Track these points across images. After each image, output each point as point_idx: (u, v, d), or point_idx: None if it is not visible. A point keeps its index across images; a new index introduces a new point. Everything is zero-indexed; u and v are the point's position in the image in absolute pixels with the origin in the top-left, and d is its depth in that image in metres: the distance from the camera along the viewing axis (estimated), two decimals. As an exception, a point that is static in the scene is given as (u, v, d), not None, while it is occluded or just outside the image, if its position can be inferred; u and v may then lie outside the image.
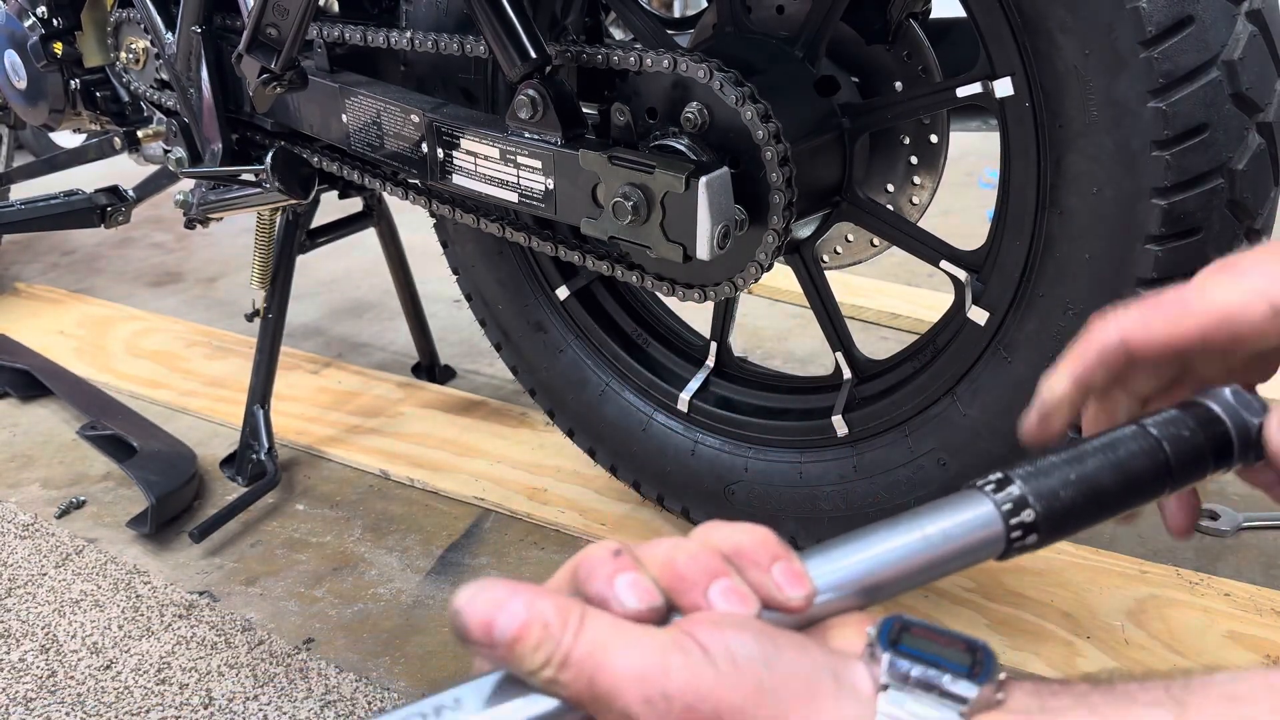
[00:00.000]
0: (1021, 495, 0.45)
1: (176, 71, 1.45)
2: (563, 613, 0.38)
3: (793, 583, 0.41)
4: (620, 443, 1.37)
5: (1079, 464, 0.46)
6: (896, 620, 0.40)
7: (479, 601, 0.38)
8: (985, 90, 0.96)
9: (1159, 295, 0.51)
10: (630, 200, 1.01)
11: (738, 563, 0.41)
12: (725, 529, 0.43)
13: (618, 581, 0.40)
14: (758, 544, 0.42)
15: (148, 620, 1.29)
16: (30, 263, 2.62)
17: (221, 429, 1.75)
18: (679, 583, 0.40)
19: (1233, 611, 1.20)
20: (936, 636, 0.40)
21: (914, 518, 0.44)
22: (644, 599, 0.40)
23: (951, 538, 0.44)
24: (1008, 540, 0.44)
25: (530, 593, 0.39)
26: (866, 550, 0.43)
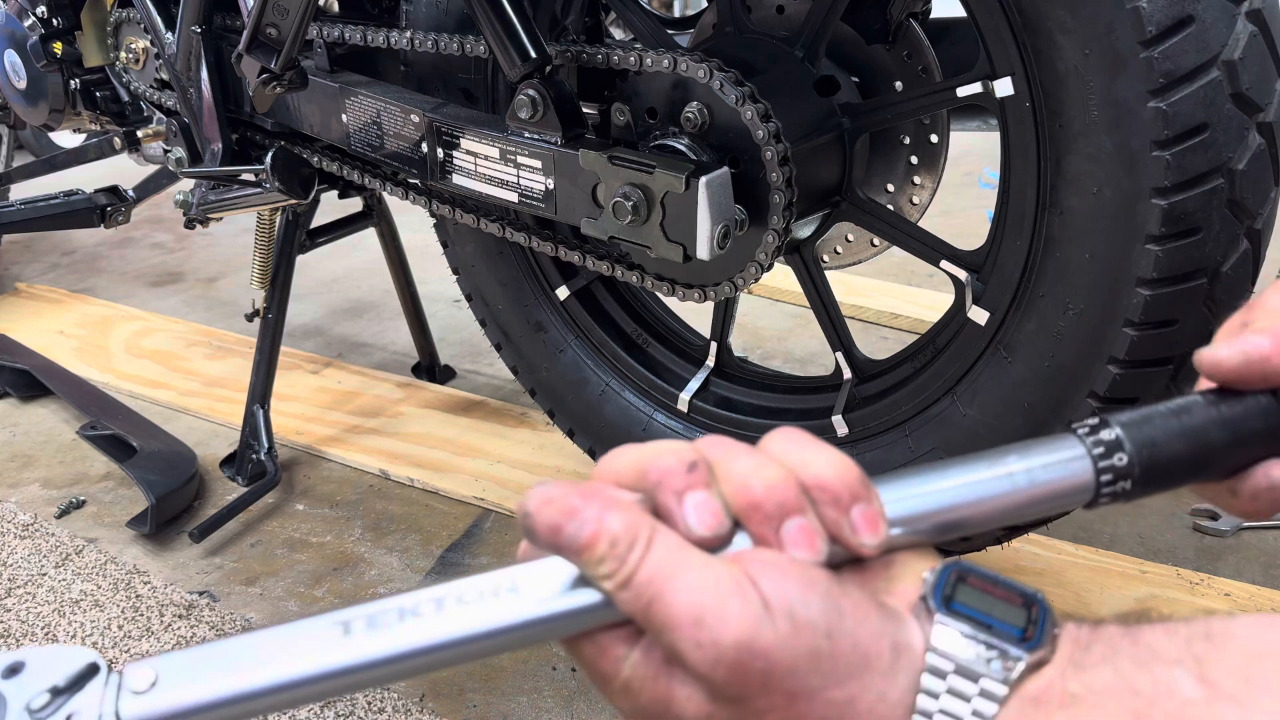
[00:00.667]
0: (1116, 440, 0.42)
1: (176, 71, 1.45)
2: (631, 531, 0.38)
3: (869, 529, 0.40)
4: (620, 443, 1.36)
5: (1185, 415, 0.43)
6: (954, 569, 0.39)
7: (550, 507, 0.39)
8: (985, 90, 0.96)
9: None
10: (630, 200, 1.01)
11: (816, 497, 0.40)
12: (812, 451, 0.41)
13: (688, 500, 0.39)
14: (840, 481, 0.40)
15: (148, 620, 1.29)
16: (31, 263, 2.62)
17: (221, 429, 1.75)
18: (752, 510, 0.39)
19: (1233, 611, 1.20)
20: (993, 588, 0.38)
21: (998, 455, 0.42)
22: (711, 526, 0.39)
23: (1036, 479, 0.41)
24: (1097, 487, 0.42)
25: (601, 503, 0.38)
26: (945, 485, 0.42)
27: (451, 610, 0.39)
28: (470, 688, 1.17)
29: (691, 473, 0.40)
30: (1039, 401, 0.98)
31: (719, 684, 0.37)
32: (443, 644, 0.39)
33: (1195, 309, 0.89)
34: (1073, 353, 0.95)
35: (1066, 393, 0.96)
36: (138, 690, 0.37)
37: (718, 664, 0.36)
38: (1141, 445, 0.42)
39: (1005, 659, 0.37)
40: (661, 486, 0.40)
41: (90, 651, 0.38)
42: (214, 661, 0.38)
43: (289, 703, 0.38)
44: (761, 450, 0.42)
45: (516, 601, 0.39)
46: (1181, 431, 0.43)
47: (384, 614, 0.39)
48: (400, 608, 0.39)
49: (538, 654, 1.21)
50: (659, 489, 0.40)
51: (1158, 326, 0.90)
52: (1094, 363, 0.93)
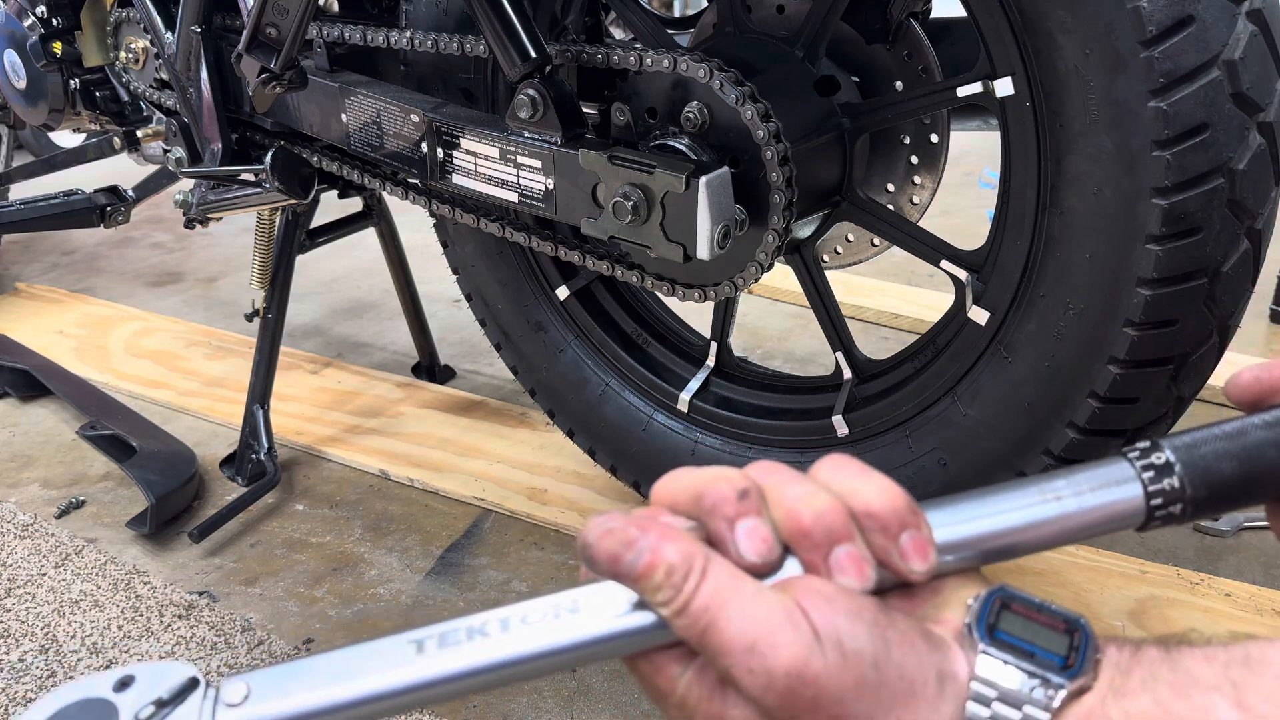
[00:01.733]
0: (1168, 463, 0.42)
1: (176, 71, 1.45)
2: (686, 560, 0.39)
3: (918, 556, 0.41)
4: (620, 443, 1.37)
5: (1239, 438, 0.43)
6: (998, 596, 0.40)
7: (611, 538, 0.40)
8: (985, 90, 0.96)
9: None
10: (630, 200, 1.01)
11: (865, 524, 0.41)
12: (860, 479, 0.42)
13: (740, 527, 0.41)
14: (889, 508, 0.41)
15: (147, 620, 1.29)
16: (30, 263, 2.62)
17: (221, 429, 1.75)
18: (802, 537, 0.40)
19: (1233, 611, 1.20)
20: (1037, 614, 0.39)
21: (1048, 479, 0.42)
22: (762, 552, 0.40)
23: (1086, 503, 0.42)
24: (1148, 511, 0.42)
25: (659, 534, 0.40)
26: (993, 511, 0.42)
27: (516, 629, 0.41)
28: (470, 688, 1.16)
29: (743, 500, 0.41)
30: (1039, 401, 0.98)
31: (770, 708, 0.38)
32: (509, 661, 0.41)
33: (1195, 309, 0.89)
34: (1073, 353, 0.95)
35: (1067, 393, 0.96)
36: (232, 703, 0.40)
37: (769, 690, 0.38)
38: (1194, 468, 0.42)
39: (1048, 687, 0.38)
40: (715, 513, 0.41)
41: (190, 666, 0.41)
42: (301, 677, 0.40)
43: (368, 715, 0.40)
44: (811, 477, 0.43)
45: (577, 622, 0.41)
46: (1234, 453, 0.42)
47: (454, 633, 0.41)
48: (469, 627, 0.41)
49: (538, 654, 1.21)
50: (712, 515, 0.41)
51: (1158, 326, 0.89)
52: (1094, 363, 0.93)
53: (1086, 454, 0.98)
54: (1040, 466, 1.00)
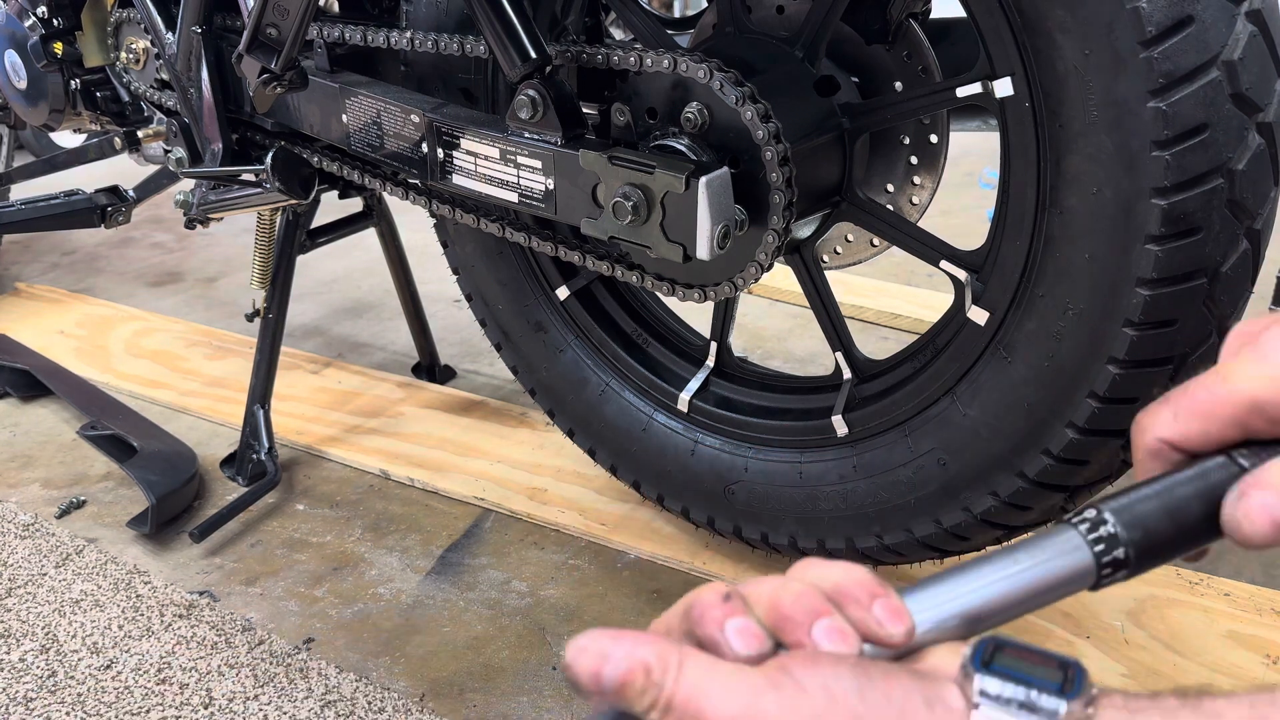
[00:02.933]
0: (1111, 530, 0.46)
1: (177, 71, 1.45)
2: (662, 658, 0.40)
3: (893, 619, 0.42)
4: (620, 443, 1.37)
5: (1166, 496, 0.47)
6: (990, 641, 0.41)
7: (586, 655, 0.41)
8: (985, 90, 0.96)
9: (1185, 388, 0.50)
10: (630, 200, 1.01)
11: (838, 600, 0.43)
12: (824, 567, 0.45)
13: (728, 627, 0.42)
14: (857, 582, 0.43)
15: (148, 620, 1.29)
16: (31, 263, 2.62)
17: (221, 429, 1.75)
18: (784, 622, 0.42)
19: (1233, 611, 1.20)
20: (1030, 655, 0.41)
21: (1008, 554, 0.46)
22: (752, 645, 0.42)
23: (1044, 572, 0.45)
24: (1098, 571, 0.46)
25: (632, 641, 0.41)
26: (962, 587, 0.45)
27: None
28: (470, 687, 1.17)
29: (727, 603, 0.43)
30: (1039, 401, 0.99)
31: None
32: None
33: (1195, 309, 0.89)
34: (1072, 353, 0.95)
35: (1066, 393, 0.96)
36: None
37: None
38: (1132, 529, 0.46)
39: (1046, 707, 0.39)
40: (703, 621, 0.43)
41: None
42: None
43: None
44: (783, 576, 0.45)
45: None
46: (1166, 510, 0.47)
47: None
48: None
49: (538, 654, 1.21)
50: (700, 623, 0.43)
51: (1157, 326, 0.90)
52: (1094, 363, 0.93)
53: (1086, 454, 0.98)
54: (1040, 466, 1.00)
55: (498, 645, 1.23)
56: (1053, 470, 1.00)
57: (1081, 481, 1.01)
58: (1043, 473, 1.01)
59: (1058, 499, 1.03)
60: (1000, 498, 1.04)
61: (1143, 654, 1.15)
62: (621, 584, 1.34)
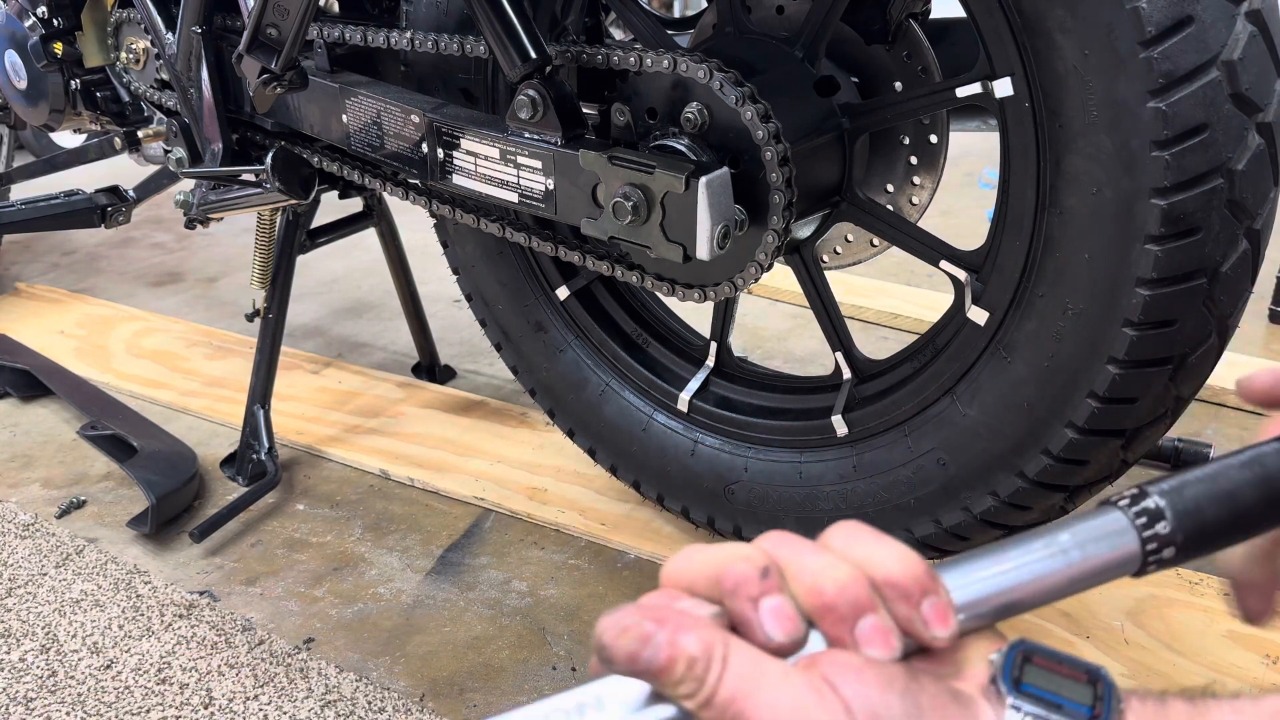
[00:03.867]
0: (1158, 510, 0.43)
1: (177, 71, 1.45)
2: (707, 649, 0.38)
3: (940, 622, 0.41)
4: (620, 443, 1.37)
5: (1220, 479, 0.45)
6: (1019, 650, 0.40)
7: (627, 636, 0.39)
8: (985, 90, 0.96)
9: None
10: (630, 200, 1.01)
11: (886, 594, 0.41)
12: (878, 548, 0.42)
13: (764, 606, 0.40)
14: (909, 576, 0.41)
15: (148, 620, 1.29)
16: (31, 263, 2.62)
17: (222, 429, 1.75)
18: (826, 611, 0.40)
19: (1232, 611, 1.20)
20: (1059, 666, 0.40)
21: (1048, 533, 0.44)
22: (788, 630, 0.40)
23: (1088, 554, 0.43)
24: (1143, 557, 0.44)
25: (674, 625, 0.39)
26: (1003, 568, 0.43)
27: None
28: (470, 687, 1.17)
29: (765, 579, 0.41)
30: (1039, 401, 0.99)
31: None
32: None
33: (1195, 309, 0.89)
34: (1072, 353, 0.95)
35: (1066, 393, 0.96)
36: None
37: None
38: (1182, 514, 0.43)
39: None
40: (736, 594, 0.41)
41: None
42: None
43: None
44: (826, 547, 0.43)
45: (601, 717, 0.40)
46: (1217, 496, 0.44)
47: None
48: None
49: (538, 654, 1.21)
50: (734, 597, 0.41)
51: (1157, 326, 0.90)
52: (1093, 363, 0.93)
53: (1086, 454, 0.98)
54: (1039, 466, 1.00)
55: (498, 645, 1.23)
56: (1052, 470, 1.00)
57: (1081, 481, 1.01)
58: (1042, 473, 1.01)
59: (1057, 499, 1.03)
60: (1000, 498, 1.04)
61: (1143, 654, 1.15)
62: (621, 584, 1.34)
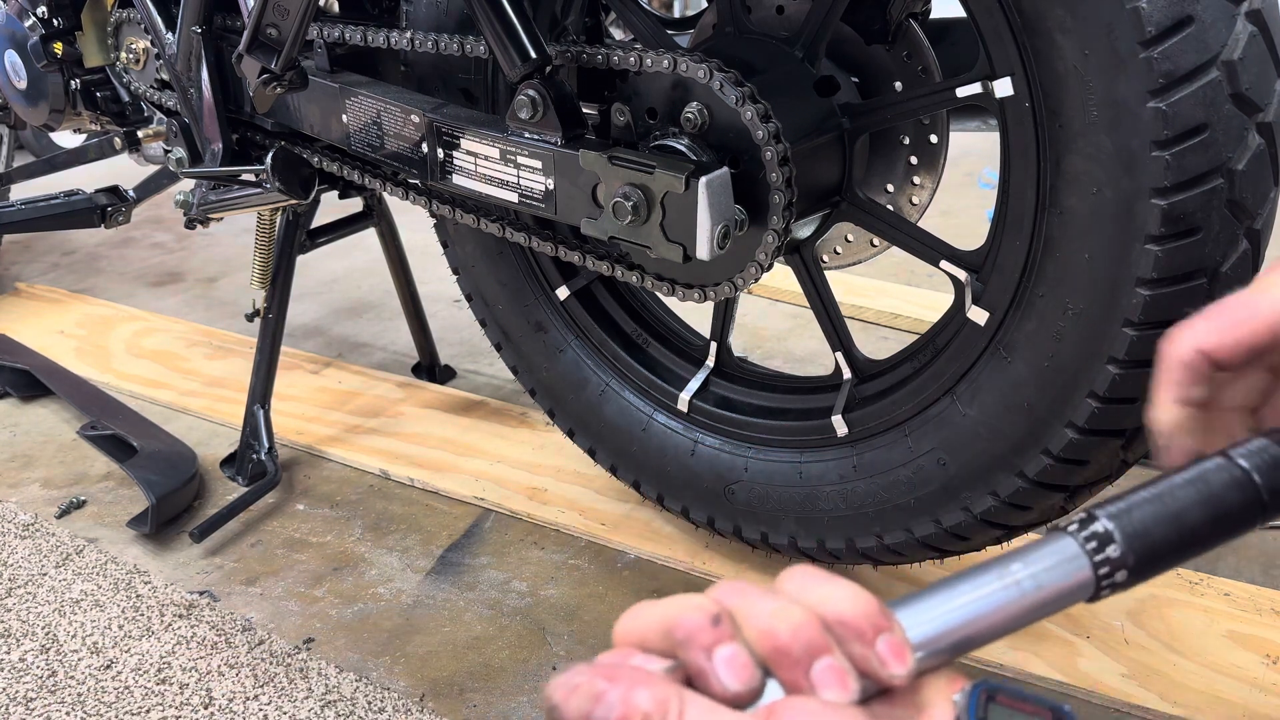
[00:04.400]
0: (1107, 533, 0.44)
1: (177, 72, 1.45)
2: (661, 706, 0.38)
3: (896, 659, 0.40)
4: (620, 443, 1.37)
5: (1166, 499, 0.45)
6: (982, 689, 0.40)
7: (577, 695, 0.38)
8: (985, 90, 0.96)
9: (1222, 301, 0.49)
10: (630, 200, 1.01)
11: (839, 633, 0.40)
12: (826, 586, 0.42)
13: (717, 655, 0.39)
14: (862, 615, 0.41)
15: (148, 620, 1.29)
16: (31, 263, 2.62)
17: (222, 429, 1.75)
18: (780, 656, 0.39)
19: (1232, 611, 1.20)
20: (1023, 704, 0.39)
21: (1000, 564, 0.43)
22: (743, 679, 0.39)
23: (1041, 583, 0.43)
24: (1096, 582, 0.44)
25: (627, 682, 0.38)
26: (958, 603, 0.43)
27: None
28: (470, 688, 1.17)
29: (717, 626, 0.40)
30: (1038, 401, 0.99)
31: None
32: None
33: (1195, 309, 0.89)
34: (1072, 353, 0.95)
35: (1066, 393, 0.96)
36: None
37: None
38: (1132, 536, 0.44)
39: None
40: (689, 644, 0.40)
41: None
42: None
43: None
44: (778, 591, 0.42)
45: None
46: (1164, 517, 0.44)
47: None
48: None
49: (538, 654, 1.21)
50: (687, 647, 0.40)
51: (1157, 327, 0.90)
52: (1093, 363, 0.93)
53: (1086, 454, 0.98)
54: (1040, 466, 1.00)
55: (498, 645, 1.23)
56: (1053, 470, 1.00)
57: (1081, 481, 1.01)
58: (1043, 473, 1.01)
59: (1058, 499, 1.03)
60: (1000, 498, 1.04)
61: (1143, 654, 1.15)
62: (621, 584, 1.34)
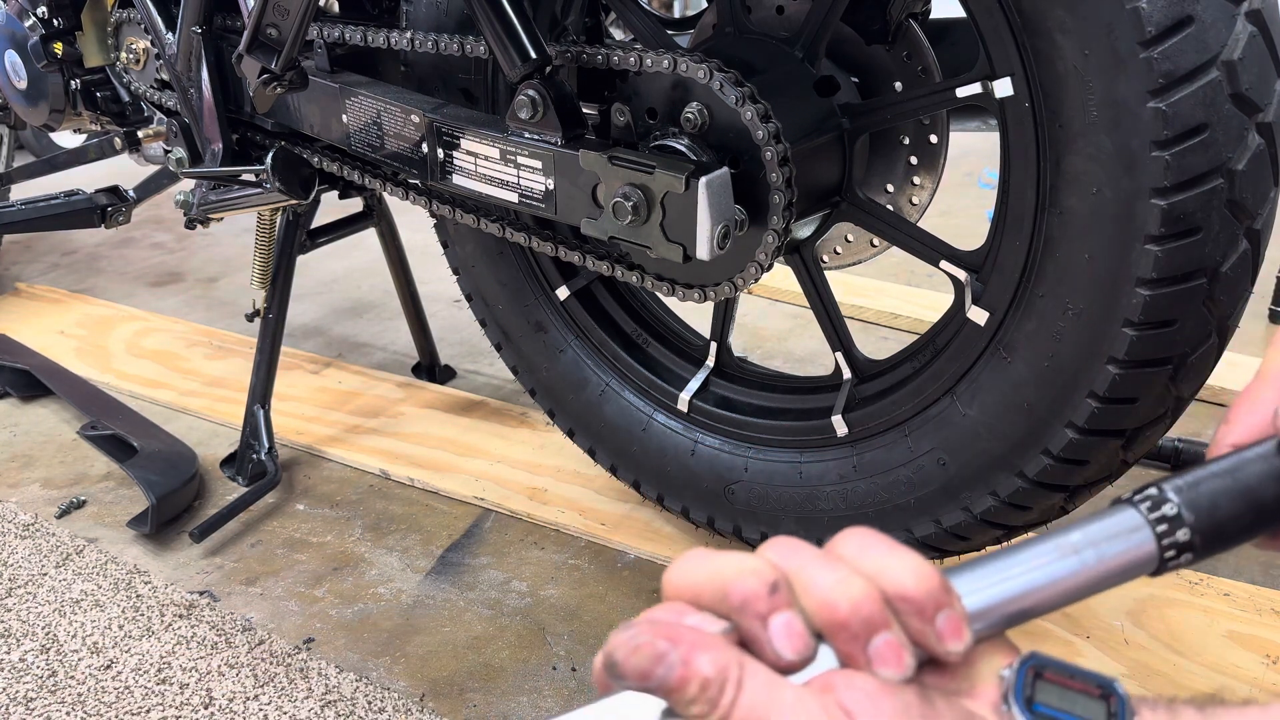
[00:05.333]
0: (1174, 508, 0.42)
1: (177, 72, 1.45)
2: (721, 671, 0.38)
3: (954, 636, 0.40)
4: (620, 443, 1.37)
5: (1236, 474, 0.43)
6: (1030, 664, 0.39)
7: (639, 653, 0.38)
8: (985, 90, 0.96)
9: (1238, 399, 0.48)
10: (630, 200, 1.01)
11: (899, 608, 0.40)
12: (891, 559, 0.41)
13: (773, 624, 0.39)
14: (923, 590, 0.40)
15: (148, 620, 1.29)
16: (31, 263, 2.62)
17: (222, 429, 1.75)
18: (839, 629, 0.39)
19: (1232, 611, 1.20)
20: (1071, 681, 0.39)
21: (1063, 535, 0.42)
22: (798, 649, 0.39)
23: (1103, 555, 0.42)
24: (1160, 555, 0.43)
25: (688, 644, 0.38)
26: (1016, 572, 0.42)
27: None
28: (470, 688, 1.17)
29: (774, 595, 0.40)
30: (1038, 401, 0.99)
31: None
32: None
33: (1195, 309, 0.89)
34: (1072, 353, 0.95)
35: (1066, 393, 0.96)
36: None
37: None
38: (1198, 510, 0.42)
39: None
40: (745, 610, 0.40)
41: None
42: None
43: None
44: (837, 556, 0.41)
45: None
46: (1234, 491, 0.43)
47: None
48: None
49: (538, 654, 1.21)
50: (743, 613, 0.40)
51: (1157, 327, 0.90)
52: (1093, 363, 0.93)
53: (1086, 454, 0.98)
54: (1039, 466, 1.00)
55: (498, 645, 1.23)
56: (1052, 470, 1.00)
57: (1081, 481, 1.01)
58: (1043, 473, 1.01)
59: (1057, 499, 1.03)
60: (1000, 498, 1.04)
61: (1143, 654, 1.15)
62: (621, 584, 1.34)
